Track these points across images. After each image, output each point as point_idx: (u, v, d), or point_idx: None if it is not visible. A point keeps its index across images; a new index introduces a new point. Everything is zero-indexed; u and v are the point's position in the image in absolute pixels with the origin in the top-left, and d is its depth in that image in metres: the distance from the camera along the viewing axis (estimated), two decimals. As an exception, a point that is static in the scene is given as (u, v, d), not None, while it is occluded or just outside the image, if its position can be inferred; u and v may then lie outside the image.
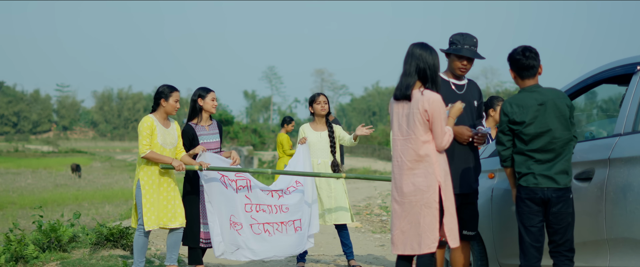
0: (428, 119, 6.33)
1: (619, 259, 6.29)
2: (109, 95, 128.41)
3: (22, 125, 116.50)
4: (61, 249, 10.31)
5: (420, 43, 6.53)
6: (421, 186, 6.34)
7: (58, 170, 45.89)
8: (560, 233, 6.27)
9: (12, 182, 35.04)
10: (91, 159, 61.50)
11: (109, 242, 10.50)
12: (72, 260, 9.79)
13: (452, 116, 6.66)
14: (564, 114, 6.23)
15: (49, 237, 10.29)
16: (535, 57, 6.34)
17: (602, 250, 6.42)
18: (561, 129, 6.23)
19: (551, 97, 6.26)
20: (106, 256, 10.07)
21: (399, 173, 6.46)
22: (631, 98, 6.49)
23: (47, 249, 10.19)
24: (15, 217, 20.50)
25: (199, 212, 9.04)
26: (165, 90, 8.84)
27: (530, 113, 6.24)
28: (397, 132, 6.49)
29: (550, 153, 6.21)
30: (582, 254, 6.55)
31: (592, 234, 6.47)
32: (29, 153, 68.78)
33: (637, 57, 6.62)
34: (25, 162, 54.02)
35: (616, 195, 6.28)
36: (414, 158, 6.36)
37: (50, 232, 10.34)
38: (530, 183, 6.26)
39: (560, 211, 6.24)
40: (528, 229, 6.31)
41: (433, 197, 6.32)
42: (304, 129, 9.79)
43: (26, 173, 42.09)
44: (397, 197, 6.48)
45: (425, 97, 6.34)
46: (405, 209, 6.41)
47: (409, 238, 6.39)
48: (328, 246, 12.38)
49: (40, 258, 9.84)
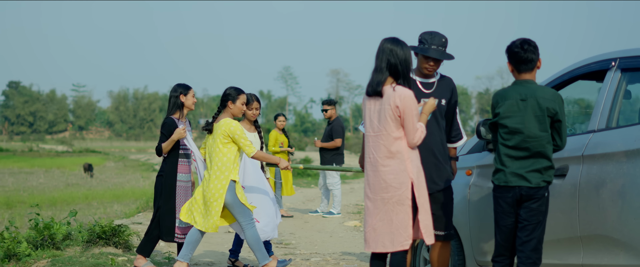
0: (399, 115, 6.26)
1: (592, 256, 6.27)
2: (124, 96, 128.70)
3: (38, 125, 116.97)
4: (54, 246, 10.42)
5: (391, 38, 6.45)
6: (393, 182, 6.28)
7: (71, 170, 46.08)
8: (528, 230, 6.16)
9: (25, 181, 35.21)
10: (105, 158, 61.71)
11: (101, 240, 10.59)
12: (63, 257, 9.85)
13: (426, 112, 6.56)
14: (544, 114, 6.11)
15: (42, 235, 10.41)
16: (534, 50, 6.21)
17: (575, 247, 6.40)
18: (537, 128, 6.12)
19: (536, 95, 6.14)
20: (97, 253, 10.13)
21: (371, 170, 6.41)
22: (605, 94, 6.47)
23: (41, 247, 10.31)
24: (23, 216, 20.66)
25: (174, 207, 9.19)
26: (232, 93, 8.95)
27: (509, 106, 6.17)
28: (369, 129, 6.44)
29: (525, 151, 6.12)
30: (556, 252, 6.55)
31: (566, 231, 6.44)
32: (43, 153, 69.05)
33: (612, 53, 6.60)
34: (39, 161, 54.24)
35: (589, 192, 6.26)
36: (385, 155, 6.31)
37: (44, 230, 10.47)
38: (501, 181, 6.20)
39: (531, 208, 6.14)
40: (501, 228, 6.29)
41: (405, 194, 6.26)
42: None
43: (39, 172, 42.29)
44: (370, 195, 6.42)
45: (397, 93, 6.27)
46: (377, 206, 6.36)
47: (381, 236, 6.33)
48: (323, 244, 12.45)
49: (32, 256, 9.94)
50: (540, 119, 6.09)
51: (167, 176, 9.24)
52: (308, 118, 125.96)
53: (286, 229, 14.53)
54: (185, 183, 9.33)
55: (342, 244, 12.45)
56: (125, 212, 20.49)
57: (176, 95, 9.36)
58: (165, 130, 9.22)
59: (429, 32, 6.90)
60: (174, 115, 9.36)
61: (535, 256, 6.14)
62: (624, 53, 6.51)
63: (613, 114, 6.41)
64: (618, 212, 6.04)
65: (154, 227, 9.29)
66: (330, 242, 12.78)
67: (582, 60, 6.84)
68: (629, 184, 5.97)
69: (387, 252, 6.44)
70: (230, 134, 8.64)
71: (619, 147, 6.11)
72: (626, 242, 5.99)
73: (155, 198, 9.37)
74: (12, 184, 33.45)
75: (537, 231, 6.15)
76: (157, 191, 9.33)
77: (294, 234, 13.76)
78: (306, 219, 16.21)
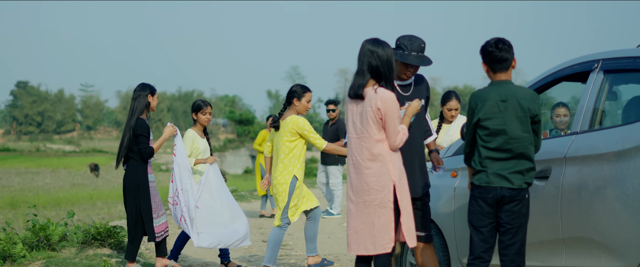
0: (381, 117, 6.23)
1: (575, 259, 6.26)
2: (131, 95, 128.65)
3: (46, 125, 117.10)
4: (50, 248, 10.47)
5: (372, 39, 6.41)
6: (375, 185, 6.27)
7: (78, 169, 46.20)
8: (511, 233, 6.10)
9: (30, 181, 35.34)
10: (111, 158, 61.74)
11: (97, 241, 10.64)
12: (57, 259, 9.90)
13: (409, 115, 6.54)
14: (526, 115, 6.06)
15: (38, 236, 10.45)
16: (508, 49, 6.14)
17: (558, 249, 6.38)
18: (520, 129, 6.06)
19: (516, 95, 6.09)
20: (91, 254, 10.18)
21: (353, 172, 6.40)
22: (588, 96, 6.46)
23: (36, 248, 10.36)
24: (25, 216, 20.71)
25: (151, 207, 9.28)
26: (298, 90, 9.15)
27: (489, 108, 6.10)
28: (351, 131, 6.41)
29: (507, 153, 6.05)
30: (540, 254, 6.52)
31: (549, 233, 6.42)
32: (50, 153, 69.23)
33: (595, 55, 6.59)
34: (45, 161, 54.39)
35: (571, 194, 6.23)
36: (368, 157, 6.29)
37: (40, 231, 10.51)
38: (482, 182, 6.11)
39: (513, 210, 6.08)
40: (477, 230, 6.18)
41: (387, 197, 6.25)
42: (190, 135, 9.83)
43: (45, 172, 42.42)
44: (352, 197, 6.41)
45: (379, 96, 6.24)
46: (359, 208, 6.34)
47: (363, 238, 6.33)
48: (321, 244, 12.48)
49: (26, 257, 9.98)
50: (522, 120, 6.04)
51: (141, 178, 9.22)
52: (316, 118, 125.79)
53: (284, 229, 14.54)
54: (152, 183, 9.36)
55: (339, 246, 12.43)
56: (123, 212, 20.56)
57: (145, 94, 9.34)
58: (144, 131, 9.19)
59: (408, 36, 6.83)
60: (142, 115, 9.34)
61: (519, 259, 6.10)
62: (606, 54, 6.50)
63: (596, 116, 6.41)
64: (599, 214, 6.03)
65: (138, 230, 9.27)
66: (328, 243, 12.78)
67: (566, 62, 6.82)
68: (610, 186, 5.96)
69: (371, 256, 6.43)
70: (299, 130, 8.95)
71: (600, 149, 6.10)
72: (607, 245, 5.99)
73: (130, 201, 9.27)
74: (18, 184, 33.55)
75: (520, 233, 6.10)
76: (130, 193, 9.27)
77: (293, 235, 13.77)
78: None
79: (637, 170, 5.83)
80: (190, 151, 9.67)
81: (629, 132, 5.97)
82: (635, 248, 5.81)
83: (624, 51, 6.40)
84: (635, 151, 5.87)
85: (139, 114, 9.30)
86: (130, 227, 9.30)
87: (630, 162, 5.88)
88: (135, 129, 9.20)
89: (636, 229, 5.79)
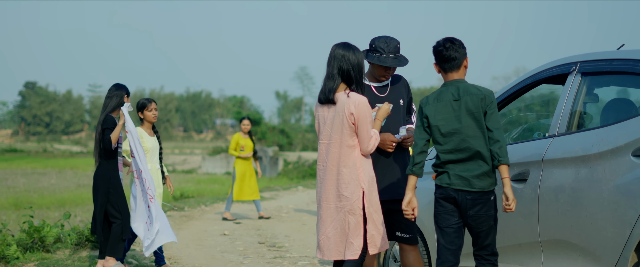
0: (354, 122, 6.20)
1: (552, 261, 6.28)
2: (141, 96, 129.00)
3: (54, 126, 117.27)
4: (44, 249, 10.55)
5: (342, 43, 6.36)
6: (345, 192, 6.24)
7: (84, 170, 46.18)
8: (482, 236, 5.98)
9: (36, 182, 35.36)
10: (118, 159, 62.04)
11: (90, 243, 10.73)
12: (50, 260, 9.97)
13: (380, 118, 6.46)
14: (480, 112, 5.91)
15: (32, 238, 10.54)
16: (457, 49, 6.02)
17: (536, 252, 6.40)
18: (474, 128, 5.93)
19: (469, 93, 5.96)
20: (84, 256, 10.26)
21: (324, 178, 6.37)
22: (565, 98, 6.50)
23: (30, 250, 10.44)
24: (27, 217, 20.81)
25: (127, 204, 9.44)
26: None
27: (442, 108, 6.00)
28: (322, 136, 6.37)
29: (464, 152, 5.92)
30: (518, 256, 6.55)
31: (527, 236, 6.44)
32: (57, 153, 69.29)
33: (573, 57, 6.62)
34: (52, 162, 54.43)
35: (549, 196, 6.25)
36: (339, 163, 6.26)
37: (34, 233, 10.59)
38: (443, 182, 5.99)
39: (479, 214, 5.93)
40: (443, 230, 6.03)
41: (356, 203, 6.22)
42: (140, 132, 9.91)
43: (51, 173, 42.43)
44: (322, 203, 6.37)
45: (351, 100, 6.20)
46: (330, 214, 6.32)
47: (334, 244, 6.32)
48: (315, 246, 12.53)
49: (20, 258, 10.05)
50: (476, 117, 5.92)
51: (112, 176, 9.35)
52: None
53: (282, 231, 14.60)
54: (121, 180, 9.47)
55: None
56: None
57: (121, 95, 9.47)
58: (110, 125, 9.32)
59: (383, 38, 6.74)
60: (113, 113, 9.45)
61: (494, 259, 6.04)
62: (584, 57, 6.53)
63: (573, 119, 6.43)
64: (576, 217, 6.05)
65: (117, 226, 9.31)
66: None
67: (545, 64, 6.85)
68: (586, 188, 5.99)
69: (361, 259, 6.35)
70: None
71: (577, 152, 6.13)
72: (584, 248, 6.01)
73: (100, 198, 9.33)
74: (23, 184, 33.64)
75: (492, 234, 6.01)
76: (103, 191, 9.35)
77: (289, 237, 13.82)
78: (304, 221, 16.27)
79: (612, 173, 5.84)
80: None
81: (605, 134, 5.99)
82: (611, 251, 5.82)
83: (601, 54, 6.43)
84: (610, 154, 5.89)
85: (110, 112, 9.44)
86: (97, 225, 9.33)
87: (606, 165, 5.89)
88: (102, 123, 9.36)
89: (611, 232, 5.81)
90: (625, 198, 5.74)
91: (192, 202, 20.72)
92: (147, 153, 9.84)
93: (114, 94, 9.48)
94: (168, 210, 18.66)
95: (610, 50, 6.44)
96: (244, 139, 16.57)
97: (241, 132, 16.64)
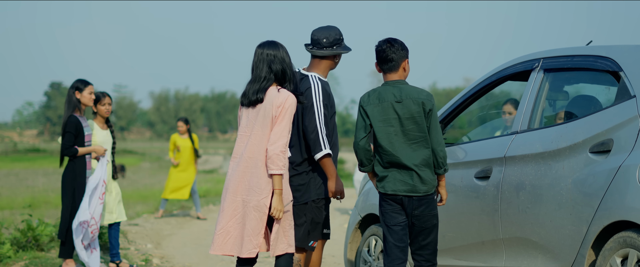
0: (277, 115, 6.06)
1: (513, 259, 6.27)
2: (166, 96, 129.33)
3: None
4: (39, 248, 10.68)
5: (268, 42, 6.27)
6: (256, 187, 6.08)
7: (106, 170, 46.46)
8: (424, 235, 6.01)
9: (56, 181, 35.43)
10: (141, 159, 62.14)
11: (85, 242, 10.83)
12: (41, 259, 10.05)
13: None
14: (421, 115, 5.91)
15: (26, 237, 10.68)
16: (396, 51, 6.01)
17: (498, 250, 6.40)
18: (416, 130, 5.93)
19: (410, 96, 5.95)
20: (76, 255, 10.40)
21: (237, 171, 6.17)
22: (528, 95, 6.47)
23: (24, 249, 10.57)
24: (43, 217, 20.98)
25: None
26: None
27: (384, 108, 5.96)
28: (243, 129, 6.21)
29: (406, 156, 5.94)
30: (481, 254, 6.56)
31: (490, 233, 6.43)
32: (80, 153, 69.81)
33: (536, 54, 6.61)
34: (75, 162, 54.78)
35: (510, 194, 6.23)
36: (260, 158, 6.09)
37: (28, 231, 10.73)
38: (388, 190, 5.99)
39: (423, 213, 5.97)
40: (391, 229, 6.02)
41: (264, 202, 6.07)
42: (91, 125, 9.76)
43: (72, 173, 42.73)
44: (229, 196, 6.18)
45: (282, 95, 6.08)
46: (235, 208, 6.14)
47: (231, 239, 6.14)
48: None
49: (12, 257, 10.15)
50: (418, 120, 5.92)
51: (79, 174, 9.26)
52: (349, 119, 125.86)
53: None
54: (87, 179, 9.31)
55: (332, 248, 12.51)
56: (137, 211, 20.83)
57: (72, 91, 9.32)
58: (71, 129, 9.16)
59: (333, 28, 6.72)
60: (75, 113, 9.30)
61: (434, 259, 6.05)
62: (546, 53, 6.52)
63: (535, 115, 6.39)
64: (536, 214, 6.05)
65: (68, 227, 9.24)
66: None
67: (510, 61, 6.81)
68: (546, 186, 5.98)
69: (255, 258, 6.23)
70: None
71: (537, 149, 6.11)
72: (543, 246, 6.01)
73: (66, 199, 9.31)
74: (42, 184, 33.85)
75: (434, 232, 6.03)
76: (69, 191, 9.30)
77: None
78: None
79: (570, 169, 5.84)
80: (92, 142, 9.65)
81: (564, 131, 5.99)
82: (568, 249, 5.82)
83: (562, 50, 6.42)
84: (569, 151, 5.88)
85: (71, 111, 9.28)
86: (63, 225, 9.26)
87: (564, 162, 5.89)
88: (63, 126, 9.24)
89: (569, 229, 5.80)
90: (582, 195, 5.74)
91: (201, 201, 20.86)
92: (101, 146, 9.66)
93: (68, 91, 9.34)
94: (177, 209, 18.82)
95: (574, 46, 6.41)
96: (182, 140, 16.59)
97: (178, 133, 16.67)
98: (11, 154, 62.17)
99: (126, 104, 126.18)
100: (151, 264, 10.63)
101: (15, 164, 48.10)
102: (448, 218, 6.80)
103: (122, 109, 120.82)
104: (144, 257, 11.18)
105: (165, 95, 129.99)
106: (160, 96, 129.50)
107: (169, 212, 17.96)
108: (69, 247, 9.35)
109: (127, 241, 12.73)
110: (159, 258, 11.26)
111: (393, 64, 6.05)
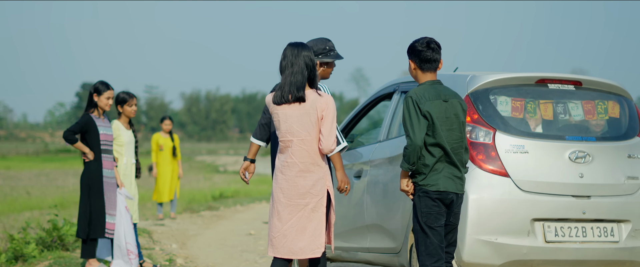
0: (322, 117, 6.30)
1: (373, 241, 7.99)
2: (196, 97, 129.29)
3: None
4: (64, 248, 10.76)
5: (301, 43, 6.44)
6: (312, 190, 6.32)
7: (135, 170, 46.58)
8: (454, 232, 6.39)
9: (84, 182, 35.82)
10: (171, 159, 62.56)
11: (109, 242, 10.84)
12: (66, 259, 10.17)
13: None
14: (463, 115, 6.26)
15: (51, 237, 10.76)
16: (438, 50, 6.28)
17: (365, 233, 8.13)
18: (458, 130, 6.23)
19: (454, 97, 6.29)
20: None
21: (289, 174, 6.37)
22: (389, 112, 8.19)
23: (49, 248, 10.65)
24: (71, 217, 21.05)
25: (104, 203, 9.45)
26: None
27: (441, 106, 6.19)
28: (285, 134, 6.37)
29: (454, 155, 6.23)
30: (353, 237, 8.32)
31: (360, 221, 8.21)
32: (111, 153, 70.09)
33: (397, 80, 8.33)
34: (105, 162, 54.99)
35: (371, 190, 8.04)
36: (310, 161, 6.33)
37: (53, 231, 10.80)
38: (441, 187, 6.20)
39: (460, 211, 6.40)
40: (435, 230, 6.23)
41: (322, 202, 6.35)
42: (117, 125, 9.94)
43: (102, 173, 42.87)
44: (283, 200, 6.37)
45: (324, 99, 6.35)
46: (291, 212, 6.35)
47: (292, 242, 6.34)
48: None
49: (36, 257, 10.25)
50: (461, 120, 6.35)
51: (94, 173, 9.40)
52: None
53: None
54: (109, 179, 9.50)
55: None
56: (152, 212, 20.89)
57: (91, 93, 9.56)
58: (77, 125, 9.42)
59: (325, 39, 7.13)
60: (91, 112, 9.54)
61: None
62: (402, 79, 8.15)
63: (393, 128, 8.01)
64: (383, 206, 7.82)
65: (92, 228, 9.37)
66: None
67: (384, 84, 8.48)
68: (390, 183, 7.62)
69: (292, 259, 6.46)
70: None
71: (386, 154, 7.90)
72: (389, 230, 7.69)
73: (83, 196, 9.43)
74: (72, 185, 33.96)
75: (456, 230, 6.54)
76: (84, 189, 9.44)
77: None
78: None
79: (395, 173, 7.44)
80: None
81: (398, 142, 7.57)
82: (400, 231, 7.47)
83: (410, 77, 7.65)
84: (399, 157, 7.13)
85: (87, 110, 9.57)
86: (82, 224, 9.36)
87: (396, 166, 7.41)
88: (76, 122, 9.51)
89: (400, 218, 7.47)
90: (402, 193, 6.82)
91: (229, 202, 20.91)
92: (123, 147, 9.87)
93: (89, 91, 9.54)
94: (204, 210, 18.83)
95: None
96: (163, 139, 16.58)
97: (162, 131, 16.67)
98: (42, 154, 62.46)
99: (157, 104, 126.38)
100: (175, 264, 10.72)
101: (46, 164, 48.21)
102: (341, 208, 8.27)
103: (153, 109, 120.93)
104: (168, 257, 11.22)
105: (196, 96, 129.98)
106: (191, 97, 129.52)
107: (196, 212, 17.97)
108: (90, 246, 9.47)
109: (152, 241, 12.78)
110: (183, 258, 11.32)
111: (436, 64, 6.29)
